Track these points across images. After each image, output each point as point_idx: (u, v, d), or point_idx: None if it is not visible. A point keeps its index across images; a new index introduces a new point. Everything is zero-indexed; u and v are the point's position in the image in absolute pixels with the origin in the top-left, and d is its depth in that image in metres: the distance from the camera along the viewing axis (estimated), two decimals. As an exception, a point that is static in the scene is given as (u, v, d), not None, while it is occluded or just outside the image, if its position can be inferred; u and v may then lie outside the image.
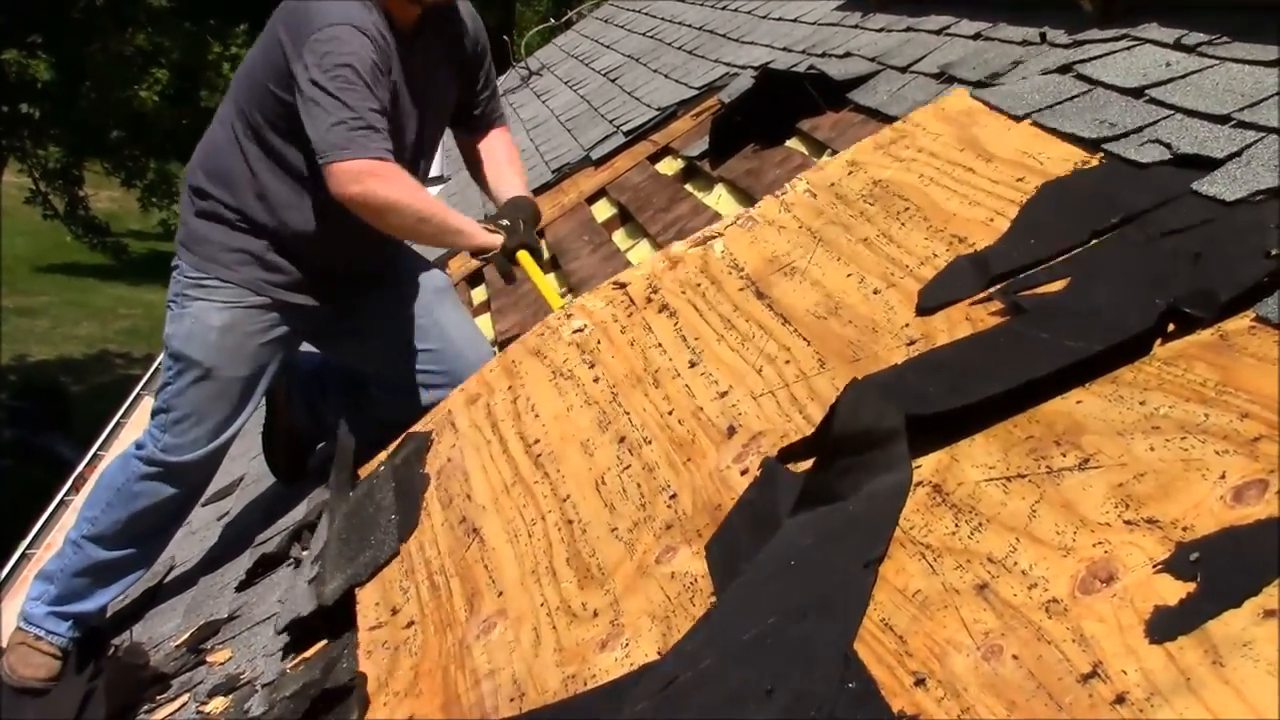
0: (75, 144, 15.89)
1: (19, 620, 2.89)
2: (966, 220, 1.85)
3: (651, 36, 6.10)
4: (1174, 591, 1.04)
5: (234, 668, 2.38)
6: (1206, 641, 0.97)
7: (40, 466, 11.13)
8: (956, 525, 1.27)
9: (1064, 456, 1.27)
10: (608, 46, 6.79)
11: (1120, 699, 0.98)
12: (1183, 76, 1.99)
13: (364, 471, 2.57)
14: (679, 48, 5.31)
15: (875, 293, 1.81)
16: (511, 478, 2.00)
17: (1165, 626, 1.01)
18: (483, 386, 2.38)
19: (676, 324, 2.08)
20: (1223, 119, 1.78)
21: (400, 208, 2.60)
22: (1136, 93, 2.02)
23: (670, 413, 1.85)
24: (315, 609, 2.13)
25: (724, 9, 5.47)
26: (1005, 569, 1.18)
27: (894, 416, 1.41)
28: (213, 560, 3.17)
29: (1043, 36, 2.53)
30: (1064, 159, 1.89)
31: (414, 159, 2.81)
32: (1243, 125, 1.74)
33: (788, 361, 1.77)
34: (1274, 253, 1.38)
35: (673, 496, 1.66)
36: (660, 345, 2.05)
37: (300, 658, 2.14)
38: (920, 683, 1.12)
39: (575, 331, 2.28)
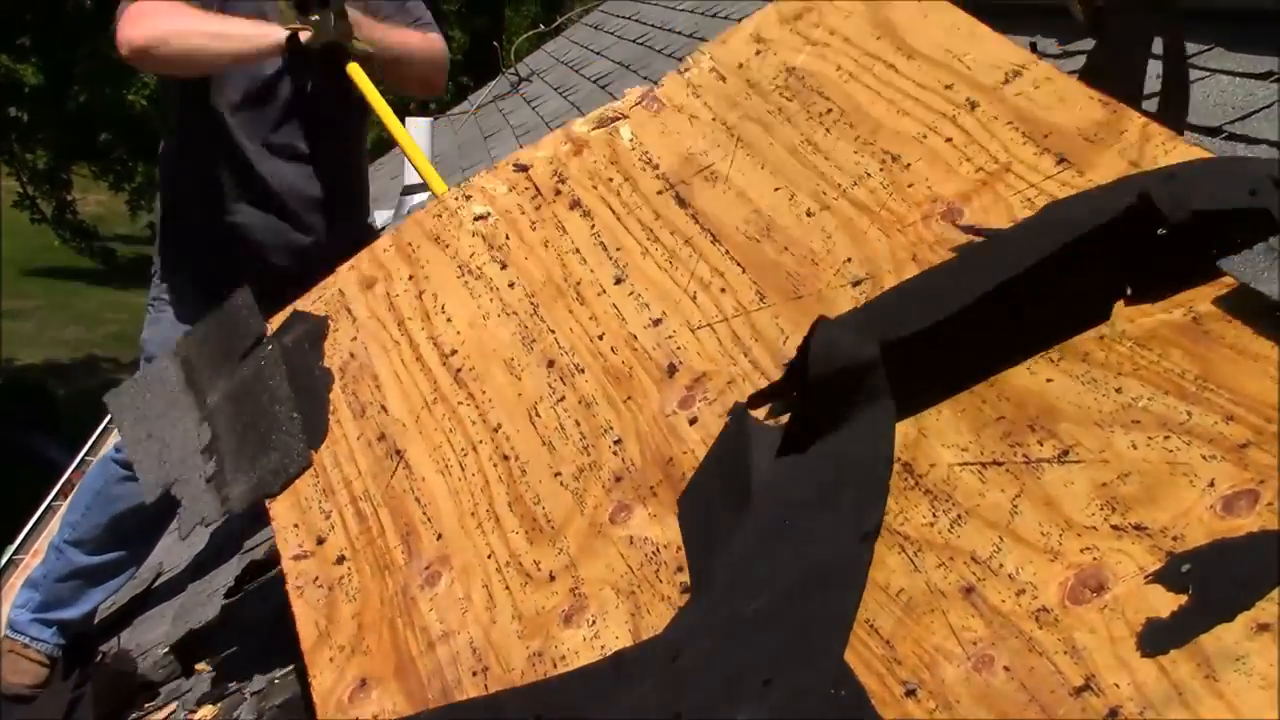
0: (63, 147, 15.89)
1: (6, 628, 2.88)
2: (896, 133, 1.75)
3: (642, 44, 6.10)
4: (1165, 603, 1.04)
5: (223, 675, 2.37)
6: (1199, 655, 0.97)
7: (28, 468, 11.09)
8: (935, 515, 1.26)
9: (1041, 445, 1.26)
10: (598, 53, 6.79)
11: (1113, 713, 0.98)
12: (1173, 87, 2.00)
13: None
14: (669, 55, 5.31)
15: (809, 214, 1.72)
16: (431, 393, 1.85)
17: (1157, 639, 1.01)
18: (378, 269, 2.12)
19: (594, 227, 1.92)
20: (1213, 131, 1.79)
21: (184, 31, 2.50)
22: (1127, 103, 2.02)
23: (601, 337, 1.74)
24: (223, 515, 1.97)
25: (714, 16, 5.47)
26: (991, 571, 1.17)
27: (869, 347, 1.36)
28: (201, 566, 3.16)
29: (1033, 46, 2.53)
30: (993, 64, 1.76)
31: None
32: (1233, 138, 1.75)
33: (723, 290, 1.69)
34: (1253, 191, 1.27)
35: (617, 442, 1.59)
36: (579, 252, 1.90)
37: (290, 667, 2.13)
38: (911, 693, 1.11)
39: (478, 219, 2.08)
